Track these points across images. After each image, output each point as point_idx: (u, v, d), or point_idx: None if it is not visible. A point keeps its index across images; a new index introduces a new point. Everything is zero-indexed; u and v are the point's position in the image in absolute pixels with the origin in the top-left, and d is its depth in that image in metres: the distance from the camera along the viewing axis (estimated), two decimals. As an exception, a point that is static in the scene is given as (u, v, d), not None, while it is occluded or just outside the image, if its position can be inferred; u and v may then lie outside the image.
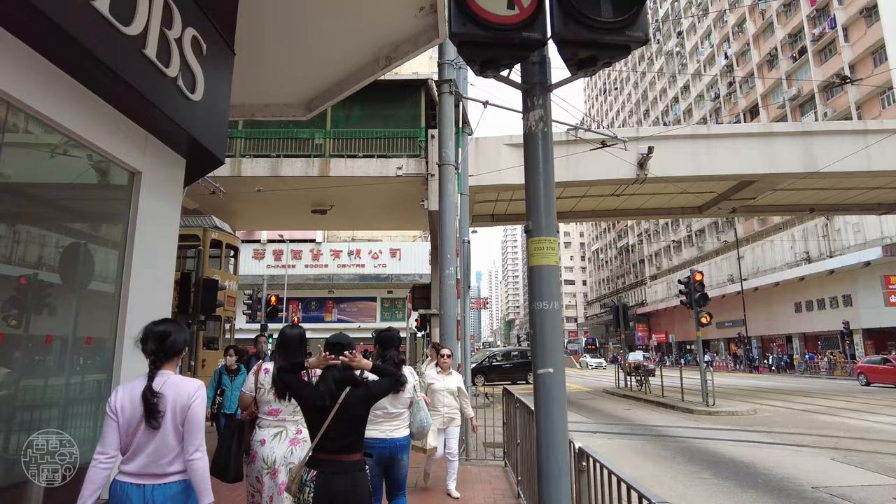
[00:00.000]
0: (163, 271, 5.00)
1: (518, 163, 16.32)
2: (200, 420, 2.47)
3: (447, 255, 8.67)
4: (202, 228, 13.09)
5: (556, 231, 2.52)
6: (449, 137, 8.99)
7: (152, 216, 4.69)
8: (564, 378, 2.40)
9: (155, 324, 2.65)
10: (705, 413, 13.43)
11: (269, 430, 3.45)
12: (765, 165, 16.78)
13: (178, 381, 2.50)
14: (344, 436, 2.68)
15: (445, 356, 5.92)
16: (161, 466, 2.38)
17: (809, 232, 40.59)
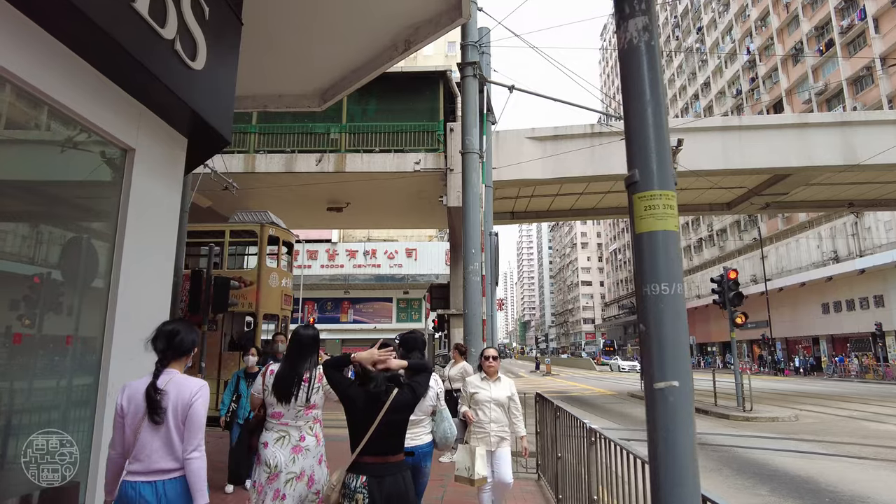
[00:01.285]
0: (161, 264, 4.46)
1: (540, 157, 15.68)
2: (201, 419, 2.50)
3: (471, 250, 8.08)
4: (259, 224, 12.56)
5: (673, 183, 1.90)
6: (473, 124, 8.40)
7: (148, 201, 4.16)
8: (692, 395, 1.75)
9: (165, 323, 2.71)
10: (743, 419, 12.65)
11: (272, 434, 3.38)
12: (800, 158, 15.95)
13: (183, 379, 2.55)
14: (390, 437, 2.70)
15: (491, 358, 4.74)
16: (169, 462, 2.44)
17: (837, 230, 39.32)
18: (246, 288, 11.88)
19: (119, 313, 3.77)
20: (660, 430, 1.72)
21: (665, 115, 1.93)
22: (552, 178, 16.30)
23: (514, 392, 4.70)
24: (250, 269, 12.95)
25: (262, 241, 12.32)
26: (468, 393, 4.66)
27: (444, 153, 15.59)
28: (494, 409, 4.55)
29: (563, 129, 16.41)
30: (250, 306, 11.91)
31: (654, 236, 1.86)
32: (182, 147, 4.78)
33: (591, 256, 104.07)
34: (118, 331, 3.76)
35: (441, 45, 49.67)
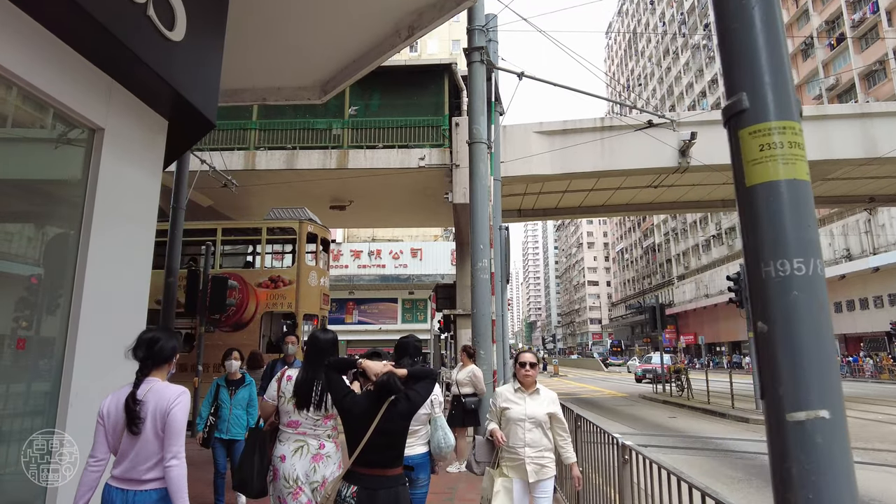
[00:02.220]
0: (136, 259, 4.01)
1: (548, 152, 15.20)
2: (179, 426, 2.44)
3: (480, 246, 7.61)
4: (298, 221, 12.09)
5: (799, 113, 1.40)
6: (480, 112, 7.93)
7: (120, 187, 3.69)
8: (847, 432, 1.19)
9: (145, 331, 2.67)
10: (763, 423, 12.05)
11: (289, 445, 3.20)
12: (818, 151, 15.37)
13: (162, 387, 2.51)
14: (386, 448, 2.60)
15: (527, 366, 3.74)
16: (140, 472, 2.41)
17: (850, 228, 38.67)
18: (285, 287, 11.47)
19: (84, 316, 3.33)
20: (799, 487, 1.13)
21: (780, 17, 1.40)
22: (561, 174, 15.81)
23: (558, 408, 3.73)
24: (289, 267, 12.53)
25: (300, 239, 11.88)
26: (498, 408, 3.76)
27: (450, 148, 15.14)
28: (531, 430, 3.58)
29: (571, 122, 15.92)
30: (289, 306, 11.47)
31: (775, 189, 1.33)
32: (161, 130, 4.32)
33: (598, 256, 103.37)
34: (83, 335, 3.31)
35: (446, 44, 49.31)
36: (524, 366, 3.74)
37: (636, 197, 19.92)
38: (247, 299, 11.53)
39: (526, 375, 3.72)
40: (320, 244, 12.54)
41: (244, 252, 14.35)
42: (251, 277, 11.72)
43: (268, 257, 13.85)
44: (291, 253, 13.99)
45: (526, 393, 3.72)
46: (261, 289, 11.50)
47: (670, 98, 71.82)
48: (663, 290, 71.35)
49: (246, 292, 11.55)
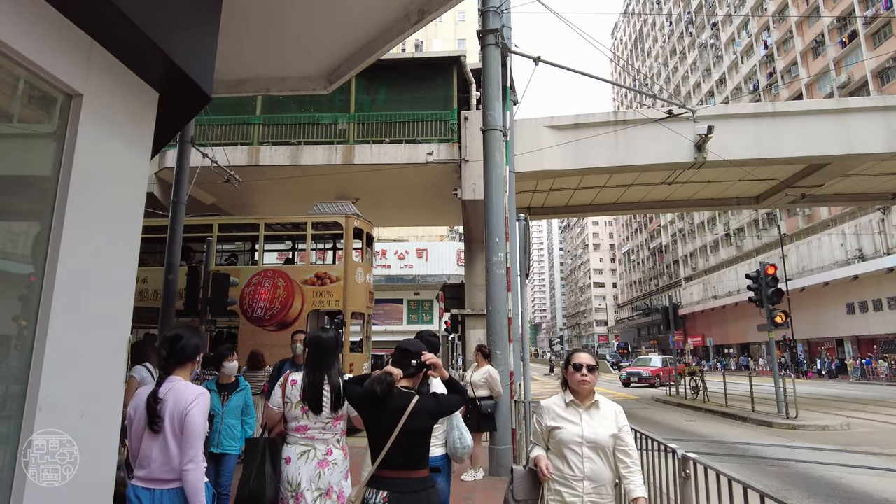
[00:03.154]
0: (120, 249, 3.57)
1: (560, 147, 14.75)
2: (196, 428, 2.40)
3: (495, 239, 7.17)
4: (344, 215, 11.60)
5: None
6: (495, 97, 7.50)
7: (102, 163, 3.26)
8: None
9: (170, 330, 2.80)
10: (788, 427, 11.59)
11: (295, 448, 3.09)
12: (839, 146, 14.88)
13: (182, 387, 2.50)
14: (412, 448, 2.50)
15: (585, 369, 2.80)
16: (167, 472, 2.40)
17: (863, 227, 37.96)
18: (332, 284, 11.02)
19: (56, 313, 2.88)
20: None
21: None
22: (573, 170, 15.34)
23: (625, 425, 2.78)
24: (335, 263, 12.06)
25: (347, 234, 11.41)
26: (544, 427, 2.82)
27: (459, 143, 14.73)
28: (591, 458, 2.66)
29: (584, 116, 15.46)
30: (336, 304, 11.00)
31: None
32: (151, 102, 3.87)
33: (604, 257, 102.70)
34: (53, 335, 2.87)
35: (451, 44, 48.89)
36: (580, 369, 2.78)
37: (649, 194, 19.44)
38: (291, 297, 11.08)
39: (583, 382, 2.75)
40: (365, 240, 12.09)
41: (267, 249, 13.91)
42: (296, 274, 11.25)
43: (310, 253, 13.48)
44: (333, 249, 13.51)
45: (581, 407, 2.78)
46: (306, 286, 11.04)
47: (677, 97, 71.22)
48: (670, 292, 70.67)
49: (291, 289, 11.10)
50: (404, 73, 15.73)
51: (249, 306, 11.13)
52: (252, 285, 11.23)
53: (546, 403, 2.93)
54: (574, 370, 2.80)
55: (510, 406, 6.89)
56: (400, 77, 15.68)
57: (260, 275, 11.30)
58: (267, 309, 11.04)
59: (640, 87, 73.24)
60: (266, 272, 11.35)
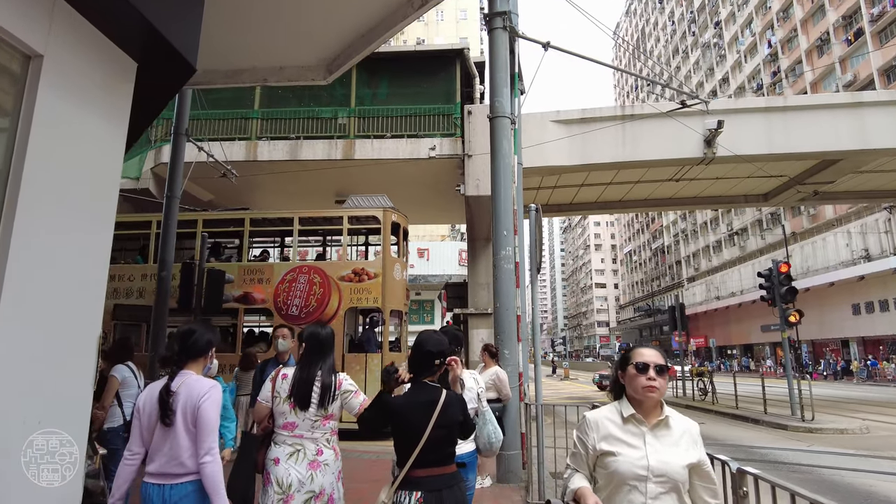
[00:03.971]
0: (89, 238, 3.17)
1: (566, 142, 14.36)
2: (210, 421, 2.41)
3: (503, 232, 6.78)
4: (382, 209, 11.14)
5: None
6: (503, 83, 7.11)
7: (65, 135, 2.87)
8: None
9: (183, 324, 2.89)
10: (805, 430, 11.18)
11: (284, 448, 2.94)
12: (853, 141, 14.48)
13: (194, 381, 2.50)
14: (444, 444, 2.44)
15: (652, 369, 2.00)
16: (176, 466, 2.39)
17: (868, 227, 37.58)
18: (370, 281, 10.58)
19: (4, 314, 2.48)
20: None
21: None
22: (579, 165, 14.95)
23: (703, 452, 2.01)
24: (369, 259, 11.56)
25: (385, 229, 10.94)
26: (591, 450, 2.04)
27: (462, 138, 14.36)
28: (659, 499, 1.90)
29: (590, 111, 15.08)
30: (375, 301, 10.55)
31: None
32: (128, 72, 3.48)
33: (606, 258, 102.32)
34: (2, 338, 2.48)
35: (453, 42, 48.49)
36: (644, 370, 1.97)
37: (655, 192, 19.05)
38: (328, 294, 10.62)
39: (649, 389, 1.95)
40: (402, 234, 11.64)
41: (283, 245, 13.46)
42: (332, 270, 10.78)
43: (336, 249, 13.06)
44: (365, 245, 13.04)
45: (645, 425, 1.98)
46: (343, 282, 10.59)
47: (680, 97, 70.78)
48: (673, 293, 70.25)
49: (327, 286, 10.63)
50: (406, 66, 15.36)
51: (284, 304, 10.66)
52: (286, 282, 10.75)
53: (594, 417, 2.08)
54: (637, 371, 1.98)
55: (519, 409, 6.50)
56: (402, 70, 15.32)
57: (294, 271, 10.81)
58: (302, 307, 10.57)
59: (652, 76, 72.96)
60: (301, 268, 10.88)
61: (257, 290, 10.93)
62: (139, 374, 4.66)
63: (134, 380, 4.55)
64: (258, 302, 10.82)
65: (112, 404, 4.44)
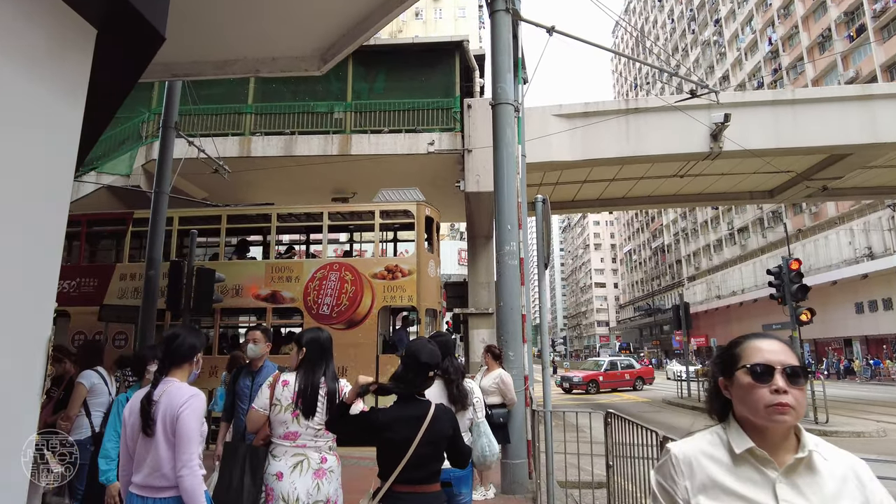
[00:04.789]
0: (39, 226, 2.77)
1: (570, 137, 13.96)
2: (189, 431, 2.28)
3: (507, 227, 6.37)
4: (415, 203, 10.62)
5: None
6: (506, 68, 6.71)
7: (8, 110, 2.48)
8: None
9: (169, 329, 2.83)
10: (819, 433, 10.67)
11: (286, 460, 2.77)
12: (863, 135, 14.11)
13: (176, 389, 2.39)
14: (430, 461, 2.32)
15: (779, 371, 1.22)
16: (158, 478, 2.29)
17: (872, 225, 37.22)
18: (404, 279, 10.04)
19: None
20: None
21: None
22: (582, 161, 14.57)
23: None
24: (400, 255, 11.05)
25: (419, 223, 10.40)
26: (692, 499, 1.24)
27: (462, 133, 13.96)
28: None
29: (594, 104, 14.69)
30: (409, 300, 9.99)
31: None
32: (86, 41, 3.08)
33: (605, 257, 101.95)
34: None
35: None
36: (767, 376, 1.23)
37: (659, 188, 18.66)
38: (360, 292, 10.10)
39: (779, 409, 1.20)
40: (435, 229, 11.11)
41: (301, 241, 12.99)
42: (364, 267, 10.26)
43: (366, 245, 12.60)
44: (393, 241, 12.49)
45: (774, 469, 1.22)
46: (376, 280, 10.07)
47: (680, 94, 70.42)
48: (673, 292, 69.89)
49: (360, 284, 10.11)
50: (404, 59, 14.96)
51: (314, 303, 10.13)
52: (316, 280, 10.24)
53: (684, 453, 1.30)
54: (754, 379, 1.24)
55: (525, 415, 6.09)
56: (399, 63, 14.92)
57: (325, 268, 10.29)
58: (334, 306, 10.06)
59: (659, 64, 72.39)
60: (331, 265, 10.36)
61: (287, 288, 10.41)
62: (111, 380, 4.25)
63: (104, 387, 4.13)
64: (287, 301, 10.30)
65: (79, 414, 4.03)
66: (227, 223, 11.05)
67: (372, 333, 9.84)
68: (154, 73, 6.44)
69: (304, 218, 11.46)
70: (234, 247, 11.73)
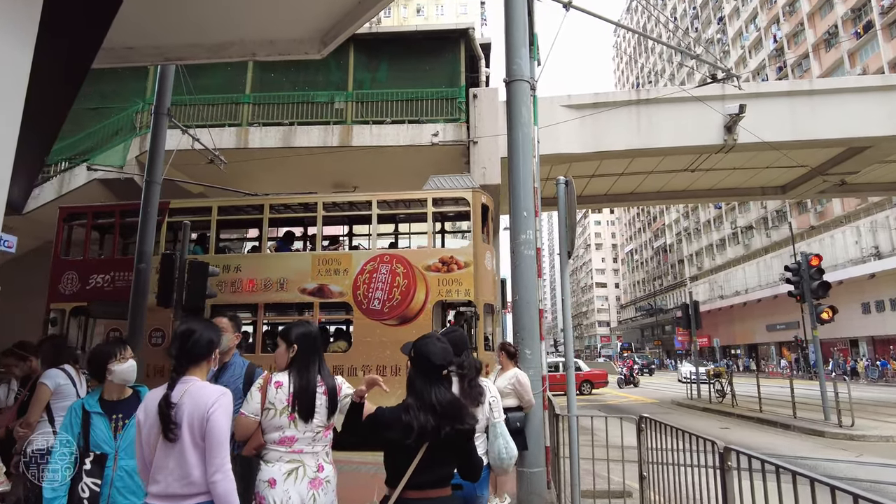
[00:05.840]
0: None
1: (579, 129, 13.45)
2: (221, 434, 2.13)
3: (522, 213, 5.86)
4: (471, 190, 9.85)
5: None
6: (521, 43, 6.19)
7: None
8: None
9: (182, 323, 2.38)
10: (845, 437, 10.25)
11: (280, 466, 2.49)
12: (883, 126, 13.60)
13: (199, 388, 2.21)
14: (442, 465, 2.20)
15: None
16: (185, 486, 2.10)
17: (879, 224, 36.73)
18: (460, 271, 9.27)
19: None
20: None
21: None
22: (591, 153, 14.07)
23: None
24: (440, 246, 10.33)
25: (475, 212, 9.65)
26: None
27: (467, 123, 13.45)
28: None
29: (603, 95, 14.19)
30: (466, 294, 9.21)
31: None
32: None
33: (606, 257, 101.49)
34: None
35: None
36: None
37: (669, 183, 18.15)
38: (413, 285, 9.37)
39: None
40: (491, 218, 10.44)
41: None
42: (417, 259, 9.50)
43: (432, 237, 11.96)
44: (441, 232, 11.75)
45: None
46: (430, 272, 9.32)
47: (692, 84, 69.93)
48: (675, 292, 69.37)
49: (412, 277, 9.39)
50: (407, 47, 14.44)
51: (364, 297, 9.45)
52: (366, 273, 9.54)
53: None
54: None
55: (543, 419, 5.57)
56: (403, 52, 14.40)
57: (375, 260, 9.56)
58: (385, 300, 9.38)
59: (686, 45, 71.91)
60: (382, 257, 9.63)
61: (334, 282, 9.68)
62: (80, 380, 3.72)
63: (72, 388, 3.61)
64: (335, 295, 9.60)
65: (41, 419, 3.51)
66: (270, 213, 10.36)
67: (427, 330, 9.13)
68: (146, 57, 5.94)
69: (346, 207, 10.66)
70: (277, 238, 11.06)
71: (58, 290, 10.48)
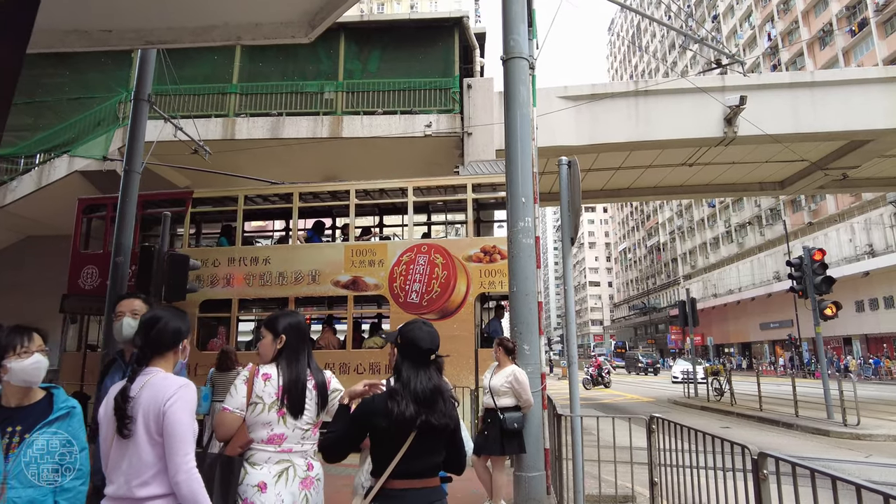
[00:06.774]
0: None
1: (576, 120, 13.10)
2: (181, 427, 1.93)
3: (520, 199, 5.48)
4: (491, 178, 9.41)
5: None
6: (519, 19, 5.82)
7: None
8: None
9: (148, 311, 2.27)
10: (851, 436, 9.95)
11: (269, 468, 2.33)
12: (888, 119, 13.33)
13: (160, 380, 2.01)
14: (432, 452, 2.14)
15: None
16: (137, 488, 1.89)
17: (873, 222, 36.64)
18: (502, 261, 8.62)
19: None
20: None
21: None
22: (588, 146, 13.71)
23: None
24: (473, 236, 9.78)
25: None
26: None
27: (461, 114, 13.08)
28: None
29: (601, 86, 13.87)
30: (503, 286, 8.69)
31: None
32: None
33: (599, 256, 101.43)
34: None
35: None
36: None
37: (666, 178, 17.84)
38: (454, 277, 8.88)
39: None
40: None
41: None
42: (457, 249, 9.00)
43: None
44: (476, 221, 10.82)
45: None
46: (471, 263, 8.84)
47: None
48: (668, 291, 69.29)
49: (452, 268, 8.91)
50: (400, 36, 14.04)
51: (401, 289, 8.97)
52: (403, 264, 9.05)
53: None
54: None
55: (542, 419, 5.19)
56: (395, 41, 14.00)
57: (412, 250, 9.09)
58: (424, 293, 8.89)
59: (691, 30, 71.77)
60: (419, 247, 9.12)
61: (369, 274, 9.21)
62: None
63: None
64: (371, 288, 9.12)
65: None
66: (300, 202, 9.88)
67: (469, 325, 8.60)
68: (125, 41, 5.50)
69: (377, 195, 10.12)
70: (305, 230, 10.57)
71: (77, 284, 10.10)
